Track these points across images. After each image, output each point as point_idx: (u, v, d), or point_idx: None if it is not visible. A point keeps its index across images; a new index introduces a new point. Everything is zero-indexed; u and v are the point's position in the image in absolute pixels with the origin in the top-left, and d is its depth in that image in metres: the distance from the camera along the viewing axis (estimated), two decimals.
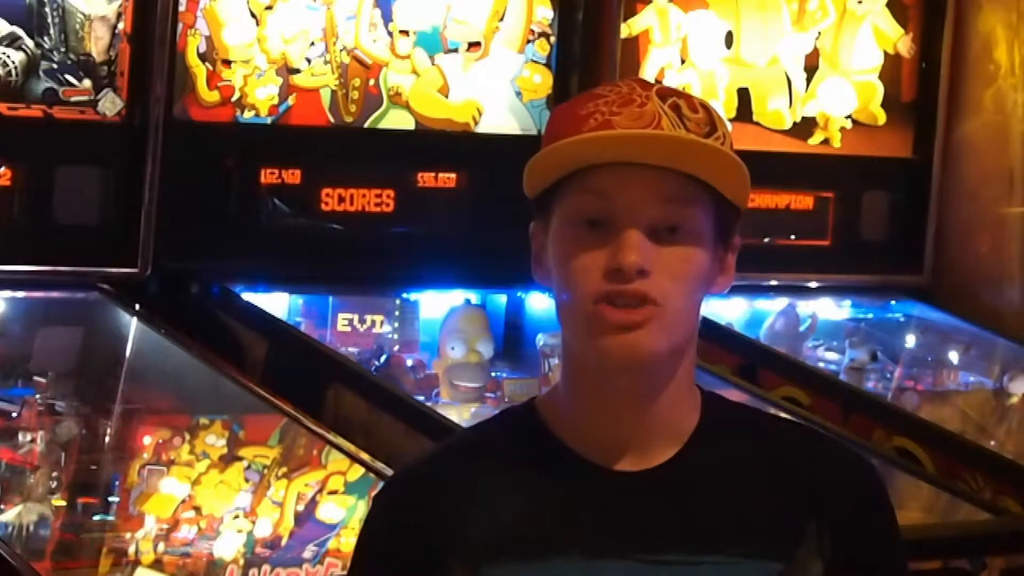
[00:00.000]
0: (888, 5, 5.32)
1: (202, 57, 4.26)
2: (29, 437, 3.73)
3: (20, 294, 4.09)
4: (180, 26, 4.20)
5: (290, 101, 4.39)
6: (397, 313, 4.64)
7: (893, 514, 1.83)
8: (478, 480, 1.77)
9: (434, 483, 1.79)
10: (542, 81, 4.74)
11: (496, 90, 4.68)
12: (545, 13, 4.74)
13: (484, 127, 4.65)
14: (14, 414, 3.78)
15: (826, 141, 5.25)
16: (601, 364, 1.74)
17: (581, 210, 1.73)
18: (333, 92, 4.45)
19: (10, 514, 3.57)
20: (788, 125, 5.18)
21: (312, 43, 4.41)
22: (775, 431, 1.85)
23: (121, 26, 4.08)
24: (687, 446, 1.77)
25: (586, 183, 1.73)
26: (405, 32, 4.54)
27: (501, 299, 4.79)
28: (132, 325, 4.02)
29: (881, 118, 5.33)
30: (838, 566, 1.76)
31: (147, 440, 3.81)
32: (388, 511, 1.80)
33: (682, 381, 1.78)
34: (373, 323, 4.60)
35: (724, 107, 5.03)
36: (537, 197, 1.77)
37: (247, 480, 3.72)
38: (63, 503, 3.66)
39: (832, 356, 5.10)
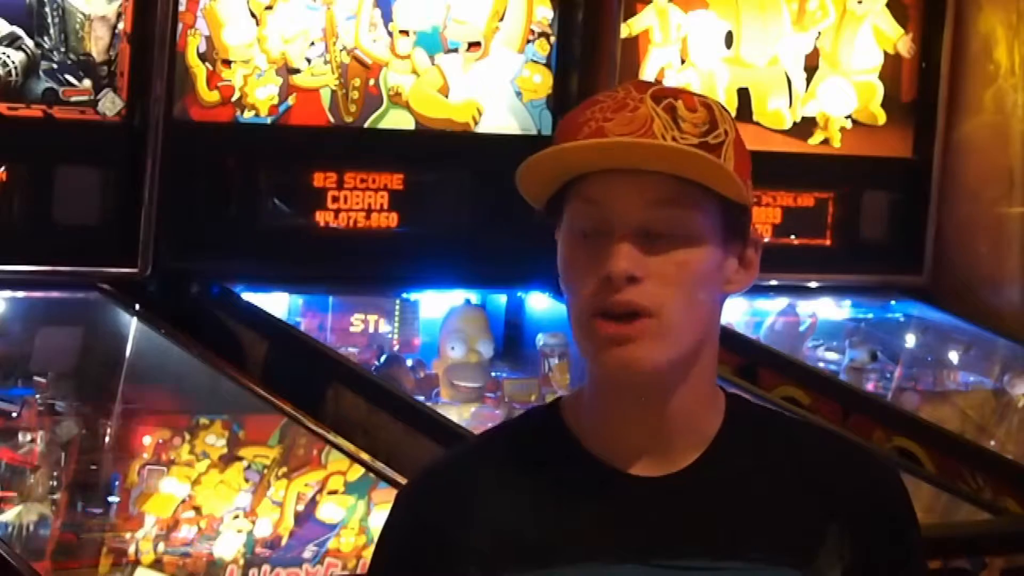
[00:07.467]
0: (888, 5, 5.32)
1: (202, 57, 4.26)
2: (29, 437, 3.73)
3: (20, 294, 4.09)
4: (180, 26, 4.20)
5: (290, 101, 4.39)
6: (397, 313, 4.64)
7: (915, 519, 1.82)
8: (496, 484, 1.76)
9: (452, 486, 1.78)
10: (542, 81, 4.74)
11: (496, 90, 4.68)
12: (545, 13, 4.73)
13: (484, 127, 4.65)
14: (14, 414, 3.78)
15: (826, 141, 5.24)
16: (604, 377, 1.74)
17: (577, 219, 1.72)
18: (333, 92, 4.45)
19: (10, 514, 3.57)
20: (788, 125, 5.17)
21: (312, 43, 4.41)
22: (798, 434, 1.84)
23: (121, 26, 4.08)
24: (709, 450, 1.76)
25: (581, 191, 1.72)
26: (405, 32, 4.54)
27: (501, 299, 4.79)
28: (132, 325, 4.02)
29: (881, 118, 5.33)
30: (858, 571, 1.75)
31: (147, 440, 3.81)
32: (407, 512, 1.80)
33: (700, 385, 1.76)
34: (373, 323, 4.60)
35: None
36: (549, 203, 1.76)
37: (247, 480, 3.72)
38: (63, 503, 3.66)
39: (832, 356, 5.10)
